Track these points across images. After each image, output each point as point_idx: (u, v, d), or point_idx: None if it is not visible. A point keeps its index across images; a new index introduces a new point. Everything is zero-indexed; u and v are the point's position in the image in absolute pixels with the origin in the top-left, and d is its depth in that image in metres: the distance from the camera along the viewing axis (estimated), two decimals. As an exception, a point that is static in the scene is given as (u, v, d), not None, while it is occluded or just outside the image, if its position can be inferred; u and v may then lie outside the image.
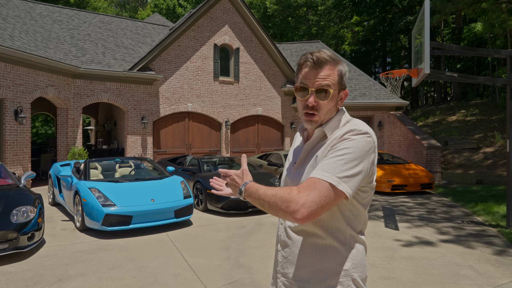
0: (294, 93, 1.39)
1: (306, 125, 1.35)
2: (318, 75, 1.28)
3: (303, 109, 1.32)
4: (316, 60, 1.28)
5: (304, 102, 1.31)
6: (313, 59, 1.28)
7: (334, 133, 1.31)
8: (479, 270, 4.36)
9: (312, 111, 1.30)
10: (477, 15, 15.59)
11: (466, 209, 8.09)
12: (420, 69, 6.36)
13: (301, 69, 1.33)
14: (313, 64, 1.28)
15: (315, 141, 1.36)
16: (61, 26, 14.14)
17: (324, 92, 1.29)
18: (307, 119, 1.32)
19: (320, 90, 1.28)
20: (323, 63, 1.28)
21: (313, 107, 1.29)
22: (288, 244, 1.36)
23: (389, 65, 33.88)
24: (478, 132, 15.93)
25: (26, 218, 4.81)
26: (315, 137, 1.35)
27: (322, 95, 1.29)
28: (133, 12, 42.16)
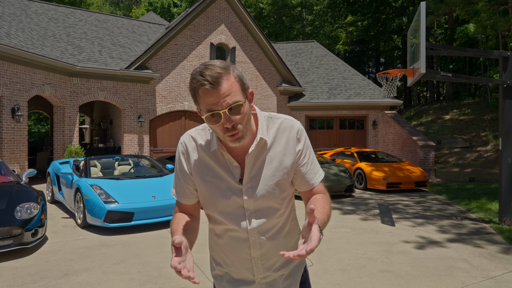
0: (205, 121, 1.23)
1: (233, 145, 1.24)
2: (221, 93, 1.16)
3: (224, 133, 1.21)
4: (212, 80, 1.14)
5: (222, 127, 1.20)
6: (208, 80, 1.14)
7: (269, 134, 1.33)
8: (473, 263, 4.51)
9: (233, 132, 1.20)
10: (469, 16, 15.86)
11: (460, 207, 8.28)
12: (415, 69, 6.51)
13: (199, 95, 1.18)
14: (210, 85, 1.15)
15: (255, 150, 1.31)
16: (57, 24, 14.10)
17: (236, 107, 1.19)
18: (232, 140, 1.22)
19: (231, 106, 1.17)
20: (219, 78, 1.15)
21: (233, 127, 1.20)
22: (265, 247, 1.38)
23: (383, 65, 34.20)
24: (471, 131, 16.21)
25: (30, 214, 4.86)
26: (256, 147, 1.31)
27: (235, 111, 1.19)
28: (127, 11, 41.99)
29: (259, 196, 1.32)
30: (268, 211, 1.35)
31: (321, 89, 17.36)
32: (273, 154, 1.33)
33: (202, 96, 1.18)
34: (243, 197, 1.31)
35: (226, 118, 1.18)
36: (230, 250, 1.40)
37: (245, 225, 1.33)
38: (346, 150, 12.60)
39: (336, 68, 18.59)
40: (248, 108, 1.24)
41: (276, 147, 1.34)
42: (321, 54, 19.71)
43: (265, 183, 1.32)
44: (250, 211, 1.33)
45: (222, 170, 1.32)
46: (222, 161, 1.33)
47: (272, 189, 1.32)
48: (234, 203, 1.32)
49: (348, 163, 11.68)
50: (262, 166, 1.32)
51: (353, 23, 31.49)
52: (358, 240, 5.55)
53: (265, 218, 1.35)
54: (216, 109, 1.17)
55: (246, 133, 1.25)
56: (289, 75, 16.76)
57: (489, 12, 13.82)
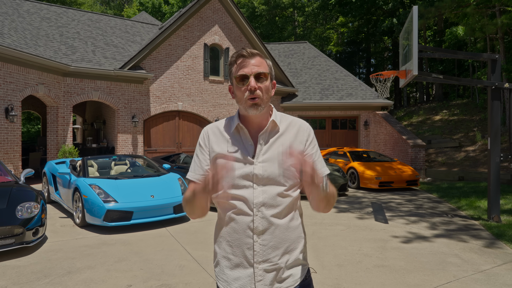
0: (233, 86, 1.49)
1: (252, 111, 1.43)
2: (253, 63, 1.43)
3: (246, 96, 1.43)
4: (249, 52, 1.44)
5: (246, 89, 1.42)
6: (247, 51, 1.44)
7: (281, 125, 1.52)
8: (464, 258, 4.70)
9: (255, 95, 1.42)
10: (458, 19, 16.21)
11: (450, 204, 8.51)
12: (408, 71, 6.70)
13: (236, 64, 1.46)
14: (248, 54, 1.44)
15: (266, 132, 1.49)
16: (50, 24, 14.02)
17: (262, 76, 1.44)
18: (252, 103, 1.42)
19: (258, 74, 1.43)
20: (255, 54, 1.45)
21: (255, 90, 1.41)
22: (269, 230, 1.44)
23: (373, 66, 34.59)
24: (460, 131, 16.56)
25: (31, 213, 4.91)
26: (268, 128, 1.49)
27: (261, 80, 1.44)
28: (118, 10, 41.74)
29: (269, 172, 1.43)
30: (275, 188, 1.44)
31: (314, 90, 17.55)
32: (283, 140, 1.49)
33: (238, 64, 1.45)
34: (253, 171, 1.43)
35: (252, 81, 1.41)
36: (234, 235, 1.47)
37: (251, 199, 1.42)
38: (339, 150, 12.79)
39: (328, 69, 18.81)
40: (269, 87, 1.47)
41: (287, 134, 1.50)
42: (313, 55, 19.91)
43: (275, 160, 1.45)
44: (258, 185, 1.43)
45: (238, 147, 1.48)
46: (238, 140, 1.49)
47: (280, 168, 1.44)
48: (245, 176, 1.43)
49: (341, 162, 11.87)
50: (273, 146, 1.47)
51: (344, 24, 31.81)
52: (353, 237, 5.70)
53: (272, 194, 1.43)
54: (246, 72, 1.42)
55: (264, 104, 1.45)
56: (282, 76, 16.91)
57: (478, 15, 14.16)
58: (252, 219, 1.44)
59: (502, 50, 15.15)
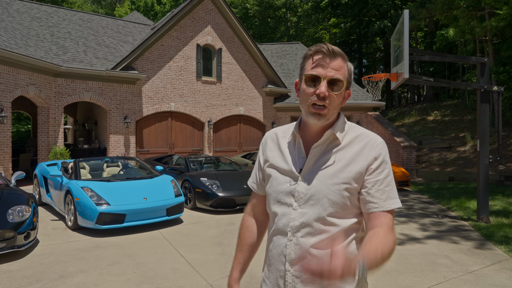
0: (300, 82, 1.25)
1: (312, 120, 1.22)
2: (332, 64, 1.19)
3: (311, 100, 1.20)
4: (331, 50, 1.19)
5: (313, 92, 1.19)
6: (328, 49, 1.19)
7: (346, 138, 1.26)
8: (454, 259, 4.78)
9: (323, 103, 1.18)
10: (449, 21, 16.41)
11: (441, 205, 8.62)
12: (399, 73, 6.78)
13: (312, 59, 1.22)
14: (328, 52, 1.19)
15: (323, 145, 1.26)
16: (40, 24, 13.88)
17: (337, 83, 1.19)
18: (315, 112, 1.20)
19: (333, 80, 1.18)
20: (337, 55, 1.20)
21: (324, 98, 1.18)
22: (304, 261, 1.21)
23: (365, 66, 34.83)
24: (450, 132, 16.77)
25: (22, 217, 4.87)
26: (323, 140, 1.25)
27: (335, 87, 1.19)
28: (110, 9, 41.41)
29: (313, 192, 1.21)
30: (317, 213, 1.21)
31: (306, 91, 17.60)
32: (341, 156, 1.23)
33: (314, 59, 1.21)
34: (296, 188, 1.24)
35: (324, 86, 1.17)
36: (271, 256, 1.32)
37: (288, 220, 1.24)
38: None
39: (320, 69, 18.86)
40: (342, 97, 1.24)
41: (348, 150, 1.24)
42: (306, 55, 19.95)
43: (323, 181, 1.21)
44: (299, 206, 1.23)
45: (289, 158, 1.30)
46: (292, 150, 1.32)
47: (328, 190, 1.20)
48: (288, 192, 1.26)
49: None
50: (326, 163, 1.23)
51: (336, 25, 31.98)
52: (345, 238, 5.75)
53: (311, 220, 1.21)
54: (320, 73, 1.18)
55: (330, 116, 1.22)
56: (274, 76, 16.96)
57: (467, 17, 14.36)
58: (286, 244, 1.25)
59: (491, 52, 15.38)
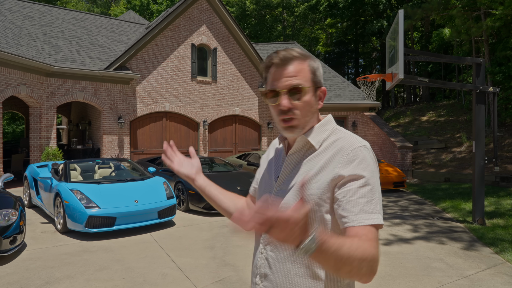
0: (264, 100, 1.19)
1: (286, 134, 1.15)
2: (285, 72, 1.11)
3: (279, 116, 1.13)
4: (282, 58, 1.11)
5: (278, 108, 1.12)
6: (279, 57, 1.11)
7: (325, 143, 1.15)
8: (449, 262, 4.71)
9: (289, 115, 1.12)
10: (445, 21, 16.38)
11: (436, 207, 8.57)
12: (394, 74, 6.71)
13: (269, 72, 1.16)
14: (279, 62, 1.11)
15: (299, 152, 1.17)
16: (33, 23, 13.71)
17: (297, 91, 1.11)
18: (285, 126, 1.13)
19: (292, 89, 1.10)
20: (290, 59, 1.11)
21: (289, 110, 1.11)
22: (268, 275, 1.15)
23: (362, 66, 34.82)
24: (446, 132, 16.75)
25: (8, 221, 4.74)
26: (298, 147, 1.17)
27: (296, 95, 1.11)
28: (105, 8, 41.15)
29: (283, 202, 1.14)
30: None
31: (302, 91, 17.54)
32: (314, 164, 1.12)
33: (270, 73, 1.15)
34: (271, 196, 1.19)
35: (284, 99, 1.10)
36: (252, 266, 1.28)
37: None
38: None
39: (316, 69, 18.81)
40: (312, 99, 1.14)
41: (321, 158, 1.12)
42: (302, 55, 19.90)
43: (293, 191, 1.13)
44: None
45: (273, 166, 1.26)
46: (278, 156, 1.27)
47: (294, 201, 1.11)
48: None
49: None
50: (299, 172, 1.14)
51: (332, 25, 31.95)
52: (339, 241, 5.67)
53: None
54: (277, 87, 1.11)
55: (303, 124, 1.13)
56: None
57: (463, 17, 14.33)
58: (258, 256, 1.20)
59: (487, 52, 15.36)
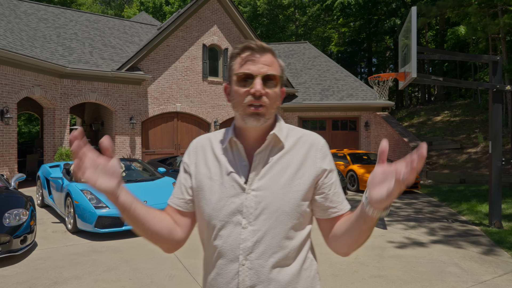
0: (230, 85, 1.13)
1: (251, 122, 1.08)
2: (263, 60, 1.08)
3: (246, 101, 1.06)
4: (259, 45, 1.09)
5: (247, 92, 1.06)
6: (256, 44, 1.09)
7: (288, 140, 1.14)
8: (464, 267, 4.55)
9: (260, 102, 1.06)
10: (460, 19, 16.02)
11: (451, 209, 8.35)
12: (407, 73, 6.55)
13: (240, 58, 1.10)
14: (256, 48, 1.08)
15: (266, 150, 1.12)
16: (47, 25, 13.93)
17: (272, 79, 1.08)
18: (253, 112, 1.06)
19: (267, 76, 1.07)
20: (267, 50, 1.09)
21: (260, 96, 1.05)
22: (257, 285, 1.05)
23: (375, 66, 34.40)
24: (462, 132, 16.38)
25: (19, 221, 4.79)
26: (269, 143, 1.12)
27: (270, 83, 1.08)
28: (119, 10, 41.67)
29: (265, 205, 1.07)
30: (272, 228, 1.06)
31: (314, 90, 17.41)
32: (289, 161, 1.11)
33: (242, 57, 1.09)
34: (243, 203, 1.07)
35: (259, 83, 1.05)
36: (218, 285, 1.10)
37: (237, 242, 1.05)
38: (338, 152, 12.64)
39: (328, 69, 18.66)
40: (278, 95, 1.12)
41: (295, 154, 1.12)
42: (313, 55, 19.76)
43: (275, 191, 1.08)
44: (249, 223, 1.06)
45: (228, 169, 1.12)
46: (231, 158, 1.14)
47: (281, 200, 1.07)
48: (232, 209, 1.07)
49: (341, 165, 11.72)
50: (274, 171, 1.10)
51: (345, 24, 31.64)
52: (350, 244, 5.56)
53: (267, 237, 1.06)
54: (252, 72, 1.06)
55: (269, 115, 1.10)
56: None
57: (480, 14, 13.98)
58: (237, 269, 1.06)
59: (504, 50, 14.96)
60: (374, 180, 0.93)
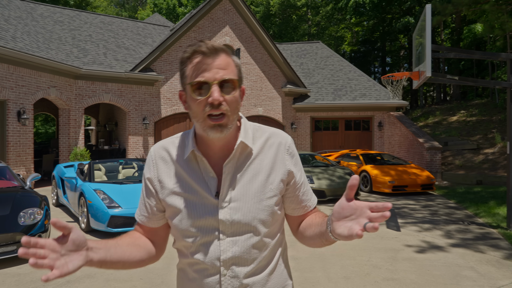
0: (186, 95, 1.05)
1: (213, 134, 1.01)
2: (217, 64, 0.99)
3: (205, 111, 0.99)
4: (210, 47, 0.99)
5: (205, 102, 0.99)
6: (208, 47, 0.99)
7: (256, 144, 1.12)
8: (480, 271, 4.43)
9: (219, 110, 0.99)
10: (477, 16, 15.68)
11: (467, 211, 8.16)
12: (421, 72, 6.43)
13: (190, 63, 1.01)
14: (208, 51, 0.99)
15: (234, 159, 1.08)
16: (63, 27, 14.18)
17: (229, 84, 1.00)
18: (214, 124, 1.00)
19: (223, 82, 0.99)
20: (219, 51, 1.01)
21: (219, 105, 0.98)
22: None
23: (389, 65, 33.97)
24: (478, 132, 16.02)
25: (33, 220, 4.87)
26: (238, 154, 1.08)
27: (228, 89, 1.00)
28: (133, 12, 42.21)
29: (240, 216, 1.05)
30: (250, 238, 1.07)
31: (326, 90, 17.28)
32: (259, 167, 1.09)
33: (194, 63, 1.00)
34: (218, 216, 1.05)
35: (216, 91, 0.98)
36: None
37: (217, 254, 1.05)
38: (351, 152, 12.51)
39: (341, 69, 18.50)
40: (238, 98, 1.05)
41: (263, 158, 1.10)
42: (326, 54, 19.62)
43: (249, 200, 1.06)
44: (226, 235, 1.06)
45: (195, 182, 1.08)
46: (196, 170, 1.09)
47: (256, 209, 1.07)
48: (207, 223, 1.06)
49: (354, 165, 11.59)
50: (245, 179, 1.08)
51: (358, 23, 31.33)
52: (362, 246, 5.48)
53: (245, 247, 1.06)
54: (207, 79, 0.98)
55: (232, 123, 1.03)
56: (294, 76, 16.70)
57: (497, 12, 13.65)
58: (218, 279, 1.06)
59: (523, 48, 14.56)
60: (341, 212, 0.93)
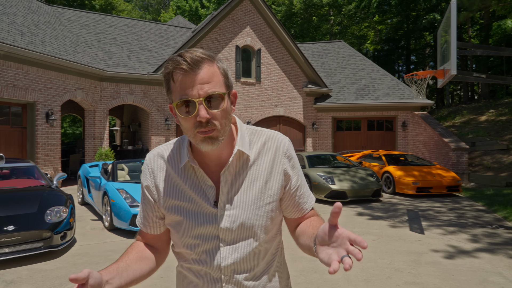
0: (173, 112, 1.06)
1: (205, 147, 1.01)
2: (200, 78, 0.97)
3: (195, 129, 0.99)
4: (190, 61, 0.97)
5: (194, 120, 0.99)
6: (187, 61, 0.96)
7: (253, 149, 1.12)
8: (509, 277, 4.25)
9: (208, 128, 0.99)
10: (506, 11, 15.05)
11: (496, 214, 7.85)
12: (446, 70, 6.24)
13: (173, 79, 0.99)
14: (189, 66, 0.97)
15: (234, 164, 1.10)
16: (89, 31, 14.60)
17: (215, 99, 1.00)
18: (205, 137, 1.00)
19: (209, 98, 0.99)
20: (200, 62, 0.98)
21: (208, 122, 0.99)
22: None
23: (413, 63, 33.15)
24: (508, 132, 15.38)
25: (59, 218, 5.03)
26: (235, 161, 1.10)
27: (214, 103, 1.00)
28: (156, 15, 42.99)
29: (239, 223, 1.08)
30: (249, 244, 1.10)
31: (348, 90, 17.04)
32: (256, 173, 1.10)
33: (176, 81, 0.98)
34: (218, 225, 1.07)
35: (202, 109, 0.97)
36: None
37: (217, 261, 1.08)
38: (373, 153, 12.28)
39: (363, 68, 18.19)
40: (228, 106, 1.04)
41: (261, 164, 1.11)
42: (348, 54, 19.35)
43: (247, 208, 1.09)
44: (226, 242, 1.08)
45: (193, 191, 1.09)
46: (193, 179, 1.10)
47: (255, 216, 1.09)
48: (207, 232, 1.08)
49: (376, 166, 11.38)
50: (243, 186, 1.09)
51: (382, 21, 30.74)
52: (384, 248, 5.37)
53: (245, 253, 1.09)
54: (191, 97, 0.97)
55: (223, 135, 1.03)
56: (315, 76, 16.56)
57: (528, 6, 13.06)
58: (220, 285, 1.10)
59: (558, 43, 13.87)
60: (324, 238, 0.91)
